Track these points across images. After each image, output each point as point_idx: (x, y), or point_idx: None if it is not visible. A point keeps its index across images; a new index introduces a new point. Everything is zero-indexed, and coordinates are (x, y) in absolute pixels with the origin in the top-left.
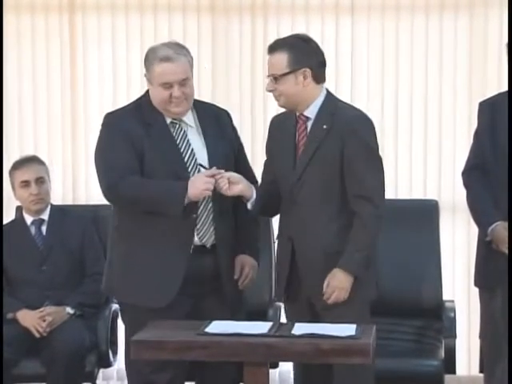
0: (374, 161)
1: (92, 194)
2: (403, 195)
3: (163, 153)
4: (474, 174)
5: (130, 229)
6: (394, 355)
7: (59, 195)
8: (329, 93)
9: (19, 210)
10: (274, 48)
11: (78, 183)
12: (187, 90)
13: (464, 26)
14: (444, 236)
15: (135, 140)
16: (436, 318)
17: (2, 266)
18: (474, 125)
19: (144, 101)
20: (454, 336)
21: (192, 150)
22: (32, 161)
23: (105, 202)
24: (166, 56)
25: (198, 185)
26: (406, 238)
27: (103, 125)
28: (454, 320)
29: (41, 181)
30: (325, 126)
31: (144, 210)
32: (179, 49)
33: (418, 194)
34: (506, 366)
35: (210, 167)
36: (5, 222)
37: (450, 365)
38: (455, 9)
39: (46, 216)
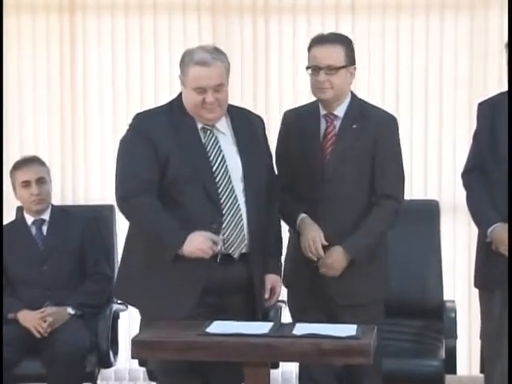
0: (401, 161)
1: (91, 194)
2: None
3: (190, 159)
4: (473, 175)
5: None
6: (394, 355)
7: (59, 196)
8: (353, 93)
9: (20, 210)
10: (329, 39)
11: (77, 184)
12: (221, 96)
13: (464, 25)
14: (445, 236)
15: (160, 147)
16: (437, 318)
17: (2, 266)
18: (475, 125)
19: (176, 104)
20: (455, 336)
21: (223, 157)
22: (33, 161)
23: (105, 202)
24: (202, 60)
25: (196, 242)
26: (407, 238)
27: (130, 126)
28: (454, 320)
29: (41, 181)
30: (354, 126)
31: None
32: (216, 53)
33: (418, 195)
34: (505, 366)
35: (245, 176)
36: (5, 222)
37: (450, 365)
38: (456, 9)
39: (46, 216)
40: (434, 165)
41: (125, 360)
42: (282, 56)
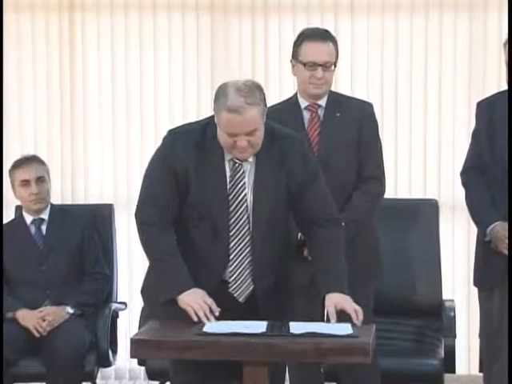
0: (381, 144)
1: (91, 193)
2: (403, 194)
3: (209, 196)
4: (472, 174)
5: None
6: (393, 354)
7: (58, 194)
8: None
9: (19, 209)
10: (327, 37)
11: (76, 183)
12: (254, 139)
13: (463, 25)
14: (444, 235)
15: (184, 178)
16: (436, 317)
17: (2, 266)
18: (474, 124)
19: (211, 127)
20: (454, 335)
21: (244, 195)
22: (32, 160)
23: (104, 201)
24: (235, 108)
25: (192, 300)
26: (406, 237)
27: (164, 142)
28: (453, 319)
29: (41, 180)
30: (338, 114)
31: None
32: (252, 96)
33: (417, 194)
34: (503, 365)
35: (254, 214)
36: (4, 221)
37: (449, 364)
38: (455, 8)
39: (45, 215)
40: (433, 164)
41: (125, 359)
42: (281, 56)
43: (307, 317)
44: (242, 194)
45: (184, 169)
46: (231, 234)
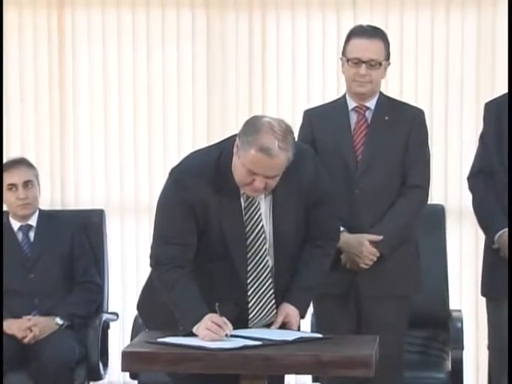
0: (429, 152)
1: (81, 198)
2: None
3: (225, 229)
4: (480, 178)
5: None
6: None
7: (47, 200)
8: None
9: (5, 215)
10: (373, 34)
11: (66, 187)
12: (271, 183)
13: (471, 22)
14: (451, 242)
15: (201, 214)
16: (442, 328)
17: (2, 268)
18: (482, 126)
19: (223, 159)
20: (462, 347)
21: (261, 227)
22: (20, 163)
23: (94, 206)
24: (267, 149)
25: (203, 331)
26: None
27: (174, 181)
28: (461, 331)
29: (29, 184)
30: (386, 118)
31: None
32: (285, 141)
33: None
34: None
35: (275, 244)
36: None
37: (457, 378)
38: (462, 4)
39: (33, 222)
40: (440, 168)
41: (117, 372)
42: (279, 54)
43: (337, 325)
44: (259, 226)
45: (203, 205)
46: (249, 268)
